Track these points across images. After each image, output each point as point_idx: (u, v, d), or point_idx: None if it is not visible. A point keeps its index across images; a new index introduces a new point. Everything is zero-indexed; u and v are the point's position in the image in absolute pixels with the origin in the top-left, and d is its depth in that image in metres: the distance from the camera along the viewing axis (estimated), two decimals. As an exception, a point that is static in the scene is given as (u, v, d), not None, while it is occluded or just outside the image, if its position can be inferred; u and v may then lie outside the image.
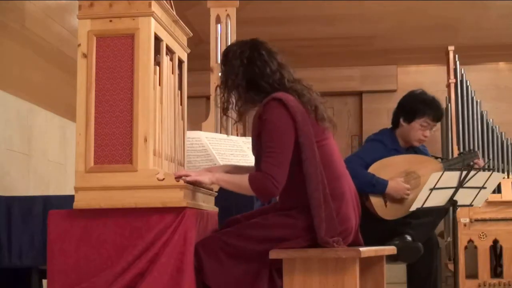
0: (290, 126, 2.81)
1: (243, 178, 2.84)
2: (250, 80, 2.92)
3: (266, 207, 3.31)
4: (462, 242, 6.16)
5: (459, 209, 3.96)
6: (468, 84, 6.81)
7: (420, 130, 4.02)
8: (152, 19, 2.82)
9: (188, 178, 2.79)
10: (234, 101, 2.97)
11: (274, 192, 2.80)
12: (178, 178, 2.79)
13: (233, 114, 3.05)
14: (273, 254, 2.76)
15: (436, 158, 4.16)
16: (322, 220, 2.76)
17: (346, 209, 2.87)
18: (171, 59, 3.09)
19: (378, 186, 3.87)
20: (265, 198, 2.89)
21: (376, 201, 3.91)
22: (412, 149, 4.13)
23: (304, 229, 2.81)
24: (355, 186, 3.03)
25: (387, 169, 3.94)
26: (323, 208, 2.77)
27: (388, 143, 4.07)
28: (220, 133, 4.44)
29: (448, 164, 4.01)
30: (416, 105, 4.03)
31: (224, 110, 3.00)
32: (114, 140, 2.80)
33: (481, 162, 4.04)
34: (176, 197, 2.75)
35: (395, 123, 4.11)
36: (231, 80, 2.94)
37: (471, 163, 3.99)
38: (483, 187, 3.76)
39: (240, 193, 2.90)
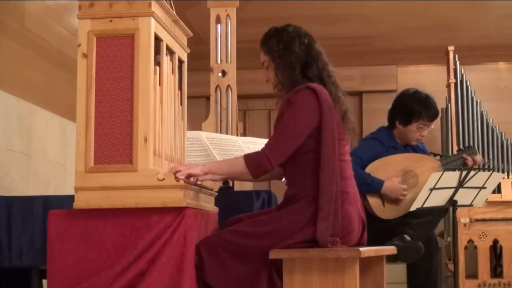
0: (312, 117, 2.85)
1: (237, 158, 2.89)
2: (305, 63, 2.95)
3: (268, 208, 3.33)
4: (462, 242, 6.17)
5: (459, 209, 3.96)
6: (468, 84, 6.81)
7: (417, 132, 4.02)
8: (152, 19, 2.82)
9: (178, 174, 2.78)
10: (280, 78, 2.97)
11: (266, 166, 2.83)
12: (177, 178, 2.80)
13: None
14: (273, 254, 2.76)
15: (435, 155, 4.15)
16: (330, 214, 2.77)
17: (348, 208, 2.88)
18: (171, 59, 3.09)
19: (373, 185, 3.86)
20: (256, 172, 2.86)
21: (374, 201, 3.91)
22: (410, 147, 4.13)
23: (306, 223, 2.81)
24: None
25: (385, 168, 3.93)
26: (333, 203, 2.79)
27: (385, 141, 4.07)
28: (220, 133, 4.44)
29: (446, 162, 4.01)
30: (411, 108, 3.99)
31: (276, 87, 3.00)
32: (114, 140, 2.79)
33: (470, 161, 4.01)
34: (176, 197, 2.74)
35: (391, 123, 4.11)
36: (287, 59, 2.95)
37: (463, 156, 3.98)
38: (483, 187, 3.76)
39: (235, 176, 2.93)
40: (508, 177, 6.51)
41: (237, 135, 4.45)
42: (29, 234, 3.45)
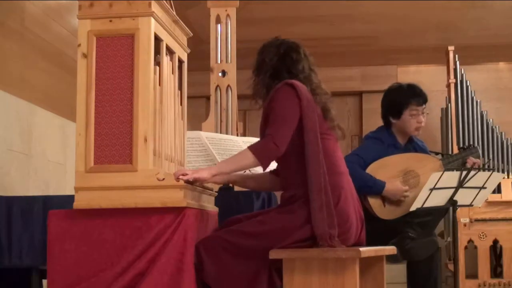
0: (295, 105, 2.89)
1: (242, 152, 2.90)
2: (277, 69, 3.02)
3: (267, 209, 3.33)
4: (462, 242, 6.17)
5: (459, 209, 3.96)
6: (468, 84, 6.81)
7: (412, 119, 4.02)
8: (152, 19, 2.82)
9: (185, 177, 2.78)
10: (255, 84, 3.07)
11: (274, 151, 2.85)
12: (177, 178, 2.80)
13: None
14: (273, 254, 2.76)
15: (437, 154, 4.15)
16: (323, 205, 2.78)
17: (344, 204, 2.88)
18: (171, 59, 3.09)
19: (375, 187, 3.87)
20: (266, 159, 2.88)
21: (374, 201, 3.91)
22: (411, 146, 4.13)
23: (305, 221, 2.82)
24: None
25: (386, 168, 3.93)
26: (323, 193, 2.80)
27: (386, 140, 4.07)
28: (220, 133, 4.44)
29: (448, 161, 4.01)
30: (397, 99, 4.04)
31: (254, 95, 3.09)
32: (114, 140, 2.79)
33: (470, 161, 4.01)
34: (176, 197, 2.75)
35: (387, 123, 4.12)
36: (263, 65, 3.04)
37: (466, 160, 3.99)
38: (483, 187, 3.76)
39: (244, 168, 2.95)
40: (508, 177, 6.51)
41: (237, 135, 4.45)
42: (29, 234, 3.44)
